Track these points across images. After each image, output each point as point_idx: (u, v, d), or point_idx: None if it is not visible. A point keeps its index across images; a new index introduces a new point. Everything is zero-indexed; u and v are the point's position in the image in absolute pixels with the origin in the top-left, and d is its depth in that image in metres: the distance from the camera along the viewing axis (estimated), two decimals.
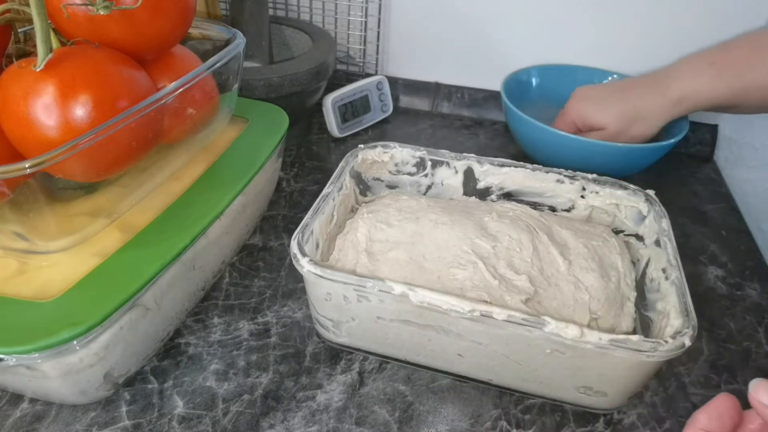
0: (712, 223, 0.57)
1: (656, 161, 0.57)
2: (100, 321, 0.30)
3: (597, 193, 0.44)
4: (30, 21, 0.31)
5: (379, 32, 0.71)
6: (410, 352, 0.38)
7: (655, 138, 0.57)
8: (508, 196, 0.46)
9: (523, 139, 0.61)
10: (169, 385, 0.37)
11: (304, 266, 0.34)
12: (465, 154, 0.46)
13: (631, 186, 0.43)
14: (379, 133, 0.69)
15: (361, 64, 0.74)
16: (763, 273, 0.50)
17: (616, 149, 0.54)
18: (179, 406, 0.36)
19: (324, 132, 0.67)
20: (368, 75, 0.71)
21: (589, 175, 0.44)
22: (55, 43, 0.30)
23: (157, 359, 0.39)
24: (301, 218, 0.52)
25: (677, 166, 0.66)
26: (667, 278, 0.36)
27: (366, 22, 0.71)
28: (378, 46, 0.72)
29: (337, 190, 0.43)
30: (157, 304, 0.35)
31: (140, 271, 0.33)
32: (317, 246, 0.40)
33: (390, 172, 0.48)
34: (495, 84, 0.66)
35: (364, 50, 0.72)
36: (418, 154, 0.47)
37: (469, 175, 0.46)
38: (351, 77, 0.72)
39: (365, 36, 0.72)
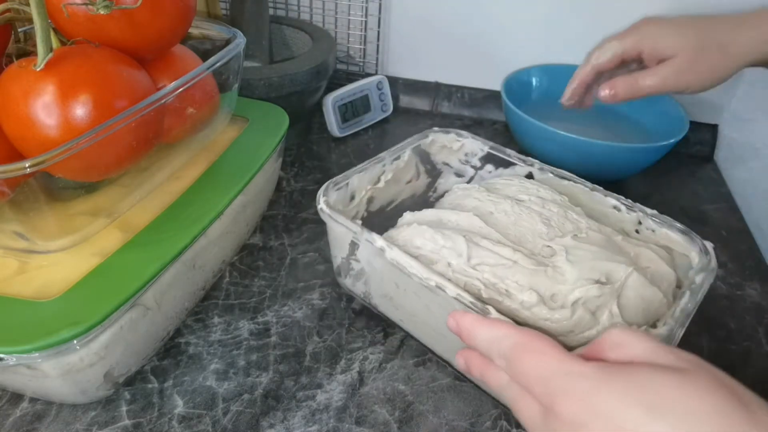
0: (712, 223, 0.57)
1: (656, 161, 0.57)
2: (100, 320, 0.30)
3: (653, 231, 0.40)
4: (30, 20, 0.31)
5: (379, 32, 0.71)
6: (392, 309, 0.40)
7: (655, 138, 0.57)
8: None
9: (523, 138, 0.61)
10: (169, 385, 0.37)
11: (320, 204, 0.39)
12: (530, 158, 0.46)
13: (692, 232, 0.38)
14: (380, 132, 0.69)
15: (361, 64, 0.74)
16: (763, 273, 0.50)
17: (616, 149, 0.54)
18: (179, 405, 0.36)
19: (324, 132, 0.67)
20: (368, 75, 0.71)
21: (648, 210, 0.40)
22: (55, 43, 0.30)
23: (158, 359, 0.39)
24: (302, 218, 0.53)
25: (677, 166, 0.66)
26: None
27: (366, 22, 0.71)
28: (378, 45, 0.72)
29: (391, 158, 0.46)
30: (157, 303, 0.35)
31: (140, 270, 0.33)
32: (352, 197, 0.44)
33: (459, 160, 0.50)
34: (495, 84, 0.66)
35: (364, 50, 0.72)
36: (485, 148, 0.48)
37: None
38: (351, 77, 0.72)
39: (365, 35, 0.72)
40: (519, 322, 0.34)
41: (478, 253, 0.36)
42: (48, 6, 0.30)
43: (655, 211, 0.40)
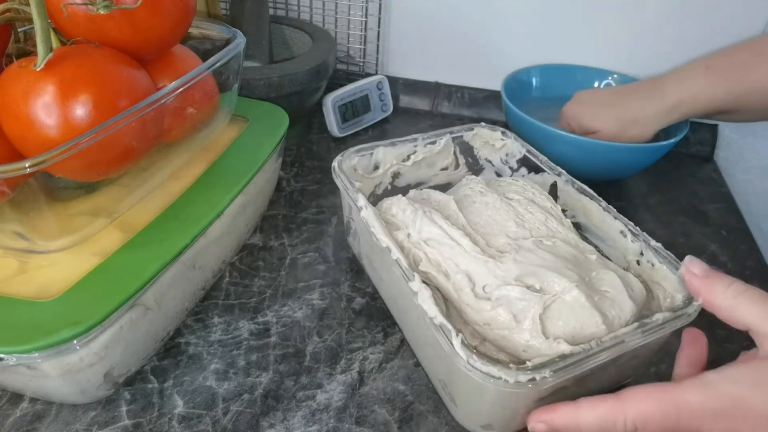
0: (712, 223, 0.57)
1: (656, 161, 0.57)
2: (100, 320, 0.30)
3: (652, 266, 0.38)
4: (30, 20, 0.31)
5: (379, 32, 0.71)
6: (371, 270, 0.42)
7: (655, 138, 0.57)
8: (577, 226, 0.43)
9: (523, 138, 0.61)
10: (169, 385, 0.37)
11: (334, 161, 0.43)
12: (558, 168, 0.46)
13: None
14: (380, 132, 0.69)
15: (361, 64, 0.74)
16: (763, 273, 0.50)
17: (616, 149, 0.54)
18: (179, 405, 0.36)
19: (324, 132, 0.67)
20: (368, 75, 0.71)
21: (653, 242, 0.38)
22: (55, 43, 0.30)
23: (158, 359, 0.39)
24: (302, 218, 0.53)
25: (677, 166, 0.66)
26: None
27: (366, 22, 0.71)
28: (378, 45, 0.72)
29: (425, 141, 0.48)
30: (158, 303, 0.35)
31: (140, 270, 0.33)
32: (376, 167, 0.47)
33: (501, 159, 0.51)
34: (495, 84, 0.67)
35: (364, 50, 0.72)
36: (523, 151, 0.49)
37: (552, 191, 0.45)
38: (351, 77, 0.72)
39: (365, 35, 0.72)
40: (446, 301, 0.36)
41: (430, 229, 0.38)
42: (48, 6, 0.30)
43: (659, 245, 0.38)
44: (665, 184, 0.62)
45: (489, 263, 0.36)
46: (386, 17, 0.71)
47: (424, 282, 0.33)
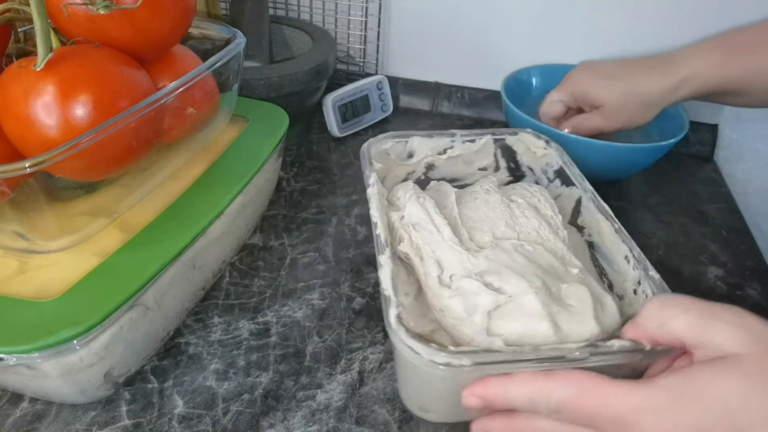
0: (712, 223, 0.57)
1: (656, 161, 0.57)
2: (100, 320, 0.30)
3: (646, 296, 0.35)
4: (30, 20, 0.31)
5: (379, 32, 0.71)
6: None
7: (655, 138, 0.57)
8: (590, 245, 0.43)
9: None
10: (169, 385, 0.37)
11: (365, 144, 0.45)
12: (588, 185, 0.43)
13: None
14: (380, 132, 0.69)
15: (361, 64, 0.74)
16: (763, 273, 0.50)
17: (616, 149, 0.54)
18: (179, 405, 0.36)
19: (324, 132, 0.67)
20: (368, 75, 0.71)
21: (651, 270, 0.35)
22: (55, 43, 0.30)
23: (158, 359, 0.39)
24: (302, 218, 0.53)
25: (677, 166, 0.66)
26: None
27: (366, 22, 0.71)
28: (378, 45, 0.72)
29: (463, 138, 0.48)
30: (158, 303, 0.35)
31: (140, 270, 0.33)
32: (410, 155, 0.48)
33: (541, 168, 0.49)
34: (495, 84, 0.66)
35: (364, 50, 0.72)
36: (560, 162, 0.46)
37: (577, 206, 0.44)
38: (351, 77, 0.72)
39: (365, 35, 0.72)
40: (421, 284, 0.37)
41: (418, 214, 0.40)
42: (48, 6, 0.30)
43: (658, 276, 0.35)
44: (665, 184, 0.62)
45: (462, 255, 0.37)
46: (386, 17, 0.71)
47: (400, 260, 0.35)
